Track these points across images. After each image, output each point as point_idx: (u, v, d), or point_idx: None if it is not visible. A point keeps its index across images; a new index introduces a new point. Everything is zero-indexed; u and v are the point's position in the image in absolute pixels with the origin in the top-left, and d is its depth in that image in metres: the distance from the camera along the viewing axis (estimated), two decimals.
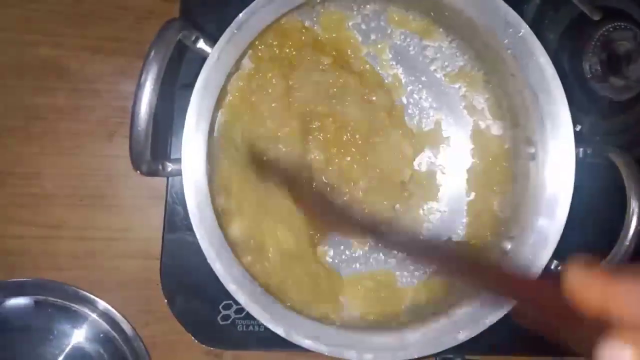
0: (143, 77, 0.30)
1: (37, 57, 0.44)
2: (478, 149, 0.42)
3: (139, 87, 0.30)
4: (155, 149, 0.33)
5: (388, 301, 0.40)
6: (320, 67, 0.40)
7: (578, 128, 0.40)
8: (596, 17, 0.40)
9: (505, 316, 0.35)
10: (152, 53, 0.31)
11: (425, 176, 0.42)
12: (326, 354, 0.34)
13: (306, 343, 0.34)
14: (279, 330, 0.34)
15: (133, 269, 0.44)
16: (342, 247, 0.42)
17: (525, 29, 0.36)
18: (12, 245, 0.44)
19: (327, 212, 0.39)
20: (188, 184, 0.34)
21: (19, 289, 0.43)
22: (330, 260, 0.41)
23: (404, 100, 0.42)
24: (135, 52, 0.45)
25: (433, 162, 0.43)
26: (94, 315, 0.44)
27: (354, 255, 0.42)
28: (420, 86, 0.42)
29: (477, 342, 0.35)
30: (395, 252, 0.39)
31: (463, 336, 0.35)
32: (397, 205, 0.42)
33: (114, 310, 0.43)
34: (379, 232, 0.38)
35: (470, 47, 0.41)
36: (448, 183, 0.43)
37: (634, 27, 0.40)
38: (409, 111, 0.42)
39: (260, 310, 0.34)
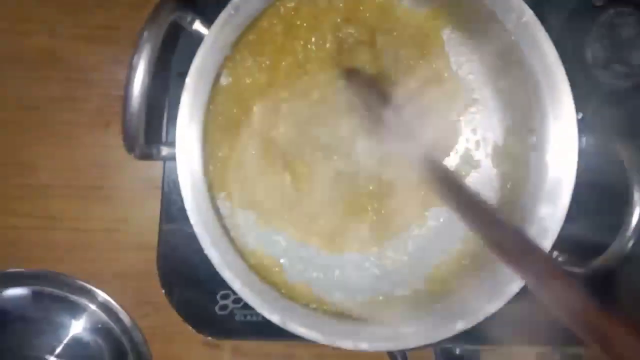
0: (136, 57, 0.29)
1: (31, 47, 0.44)
2: None
3: (132, 67, 0.30)
4: (150, 133, 0.32)
5: None
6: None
7: (580, 116, 0.39)
8: (599, 3, 0.39)
9: (505, 306, 0.34)
10: (145, 33, 0.30)
11: None
12: (321, 342, 0.34)
13: (301, 331, 0.34)
14: (274, 318, 0.34)
15: (130, 260, 0.44)
16: None
17: (528, 15, 0.35)
18: (7, 237, 0.44)
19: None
20: (182, 167, 0.33)
21: (16, 280, 0.43)
22: None
23: None
24: (131, 40, 0.43)
25: None
26: (92, 306, 0.43)
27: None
28: None
29: (476, 332, 0.35)
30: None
31: (461, 326, 0.34)
32: None
33: (112, 301, 0.43)
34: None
35: (472, 36, 0.40)
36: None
37: (637, 12, 0.39)
38: None
39: (255, 297, 0.34)
